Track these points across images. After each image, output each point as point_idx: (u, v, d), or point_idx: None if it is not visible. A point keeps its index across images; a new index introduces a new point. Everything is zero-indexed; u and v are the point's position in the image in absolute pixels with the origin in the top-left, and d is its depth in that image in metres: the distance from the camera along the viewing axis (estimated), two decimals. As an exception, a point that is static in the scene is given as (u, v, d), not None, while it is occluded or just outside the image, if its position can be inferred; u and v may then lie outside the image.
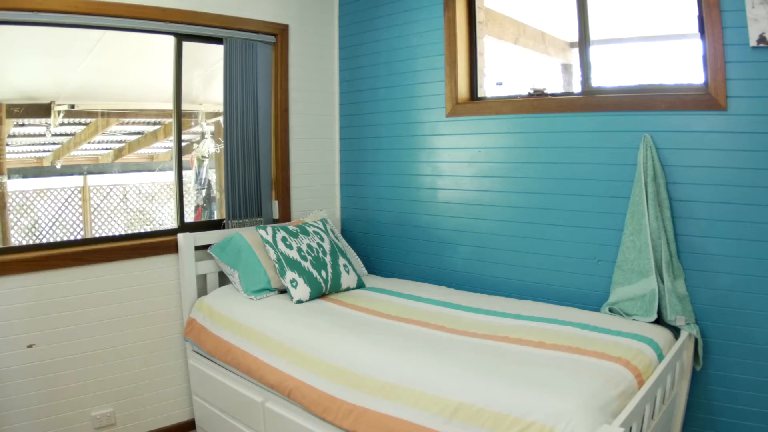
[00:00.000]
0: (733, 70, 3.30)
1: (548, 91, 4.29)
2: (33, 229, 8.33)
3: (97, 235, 8.63)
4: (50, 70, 7.15)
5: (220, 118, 5.75)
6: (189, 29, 4.77)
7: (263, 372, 3.62)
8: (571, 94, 4.19)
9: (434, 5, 4.73)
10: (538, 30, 4.90)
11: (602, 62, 4.06)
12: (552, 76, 4.71)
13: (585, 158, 3.93)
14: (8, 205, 8.02)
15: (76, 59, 6.70)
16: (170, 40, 4.81)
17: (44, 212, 8.48)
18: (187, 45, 4.84)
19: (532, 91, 4.32)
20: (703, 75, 3.48)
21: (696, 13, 3.48)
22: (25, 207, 8.41)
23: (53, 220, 8.49)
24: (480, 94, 4.71)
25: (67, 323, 4.11)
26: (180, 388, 4.66)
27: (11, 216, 8.05)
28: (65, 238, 8.28)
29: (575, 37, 4.14)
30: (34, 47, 6.03)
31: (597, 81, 4.03)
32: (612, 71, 4.08)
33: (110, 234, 8.50)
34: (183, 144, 4.97)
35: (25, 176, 9.50)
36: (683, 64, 3.78)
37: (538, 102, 4.19)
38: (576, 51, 4.22)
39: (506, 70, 4.83)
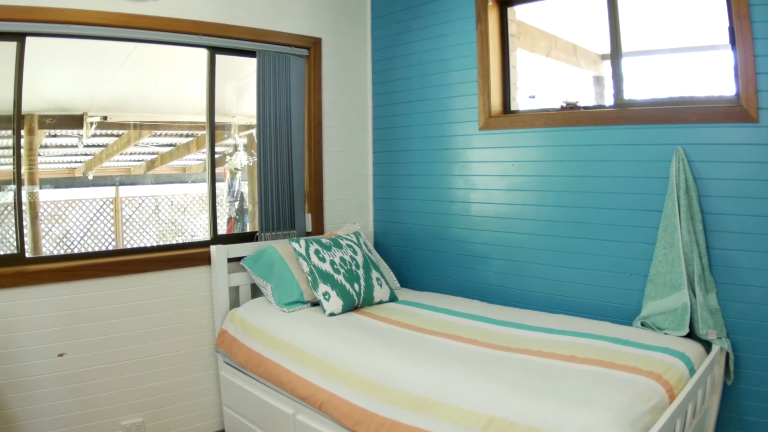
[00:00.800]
0: (764, 81, 3.34)
1: (581, 104, 4.34)
2: (64, 239, 8.48)
3: (128, 246, 8.74)
4: (83, 81, 7.28)
5: (253, 131, 5.84)
6: (222, 42, 4.88)
7: (295, 384, 3.68)
8: (603, 107, 4.24)
9: (467, 18, 4.81)
10: (569, 42, 4.95)
11: (634, 74, 4.10)
12: (584, 89, 4.75)
13: (617, 172, 3.97)
14: (40, 214, 8.18)
15: (109, 71, 6.81)
16: (203, 53, 4.91)
17: (75, 222, 8.63)
18: (219, 57, 4.95)
19: (564, 104, 4.38)
20: (734, 86, 3.52)
21: (727, 24, 3.52)
22: (56, 217, 8.58)
23: (84, 230, 8.63)
24: (513, 107, 4.78)
25: (98, 333, 4.22)
26: (210, 399, 4.75)
27: (42, 225, 8.21)
28: (97, 249, 8.42)
29: (607, 49, 4.19)
30: (67, 59, 6.13)
31: (629, 93, 4.08)
32: (643, 83, 4.11)
33: (142, 245, 8.61)
34: (216, 156, 5.06)
35: (56, 186, 9.68)
36: (714, 76, 3.81)
37: (570, 115, 4.25)
38: (607, 63, 4.27)
39: (538, 83, 4.87)
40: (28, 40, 4.06)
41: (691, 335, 3.51)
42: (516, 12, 4.81)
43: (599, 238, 4.07)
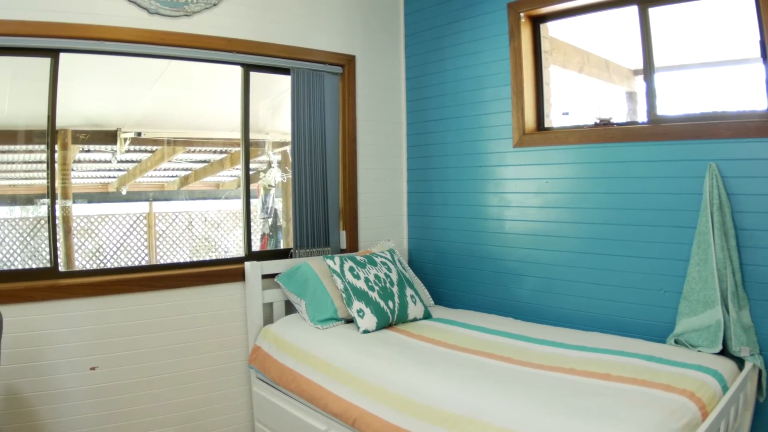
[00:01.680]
0: (796, 95, 3.39)
1: (614, 120, 4.41)
2: (97, 253, 8.65)
3: (161, 261, 8.86)
4: (116, 97, 7.45)
5: (287, 148, 5.95)
6: (256, 60, 5.02)
7: (327, 400, 3.76)
8: (636, 123, 4.31)
9: (500, 35, 4.91)
10: (602, 58, 5.02)
11: (666, 89, 4.16)
12: (617, 105, 4.79)
13: (651, 188, 4.03)
14: (73, 229, 8.36)
15: (143, 87, 6.97)
16: (237, 70, 5.06)
17: (108, 237, 8.79)
18: (253, 75, 5.09)
19: (598, 121, 4.45)
20: (766, 101, 3.58)
21: (758, 37, 3.58)
22: (89, 231, 8.75)
23: (118, 245, 8.79)
24: (546, 124, 4.85)
25: (131, 347, 4.35)
26: (243, 414, 4.87)
27: (75, 240, 8.38)
28: (130, 263, 8.56)
29: (639, 65, 4.26)
30: (101, 75, 6.27)
31: (662, 109, 4.14)
32: (676, 98, 4.17)
33: (175, 260, 8.71)
34: (250, 173, 5.18)
35: (90, 201, 9.88)
36: (746, 90, 3.86)
37: (604, 131, 4.32)
38: (640, 78, 4.33)
39: (571, 100, 4.94)
40: (62, 56, 4.22)
41: (724, 352, 3.55)
42: (548, 28, 4.89)
43: (633, 255, 4.12)
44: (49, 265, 4.26)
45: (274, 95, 6.30)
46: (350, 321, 4.56)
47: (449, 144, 5.42)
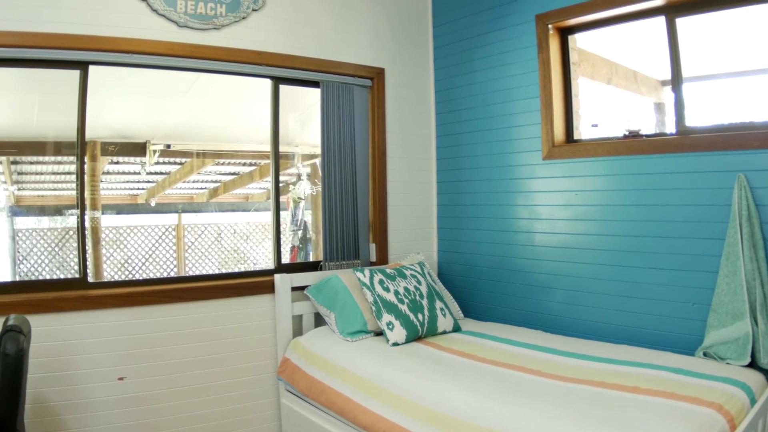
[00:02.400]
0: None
1: (643, 131, 4.47)
2: (125, 264, 8.79)
3: (190, 272, 8.96)
4: (146, 110, 7.58)
5: (316, 160, 6.04)
6: (285, 73, 5.14)
7: (356, 413, 3.82)
8: (665, 134, 4.36)
9: (528, 47, 4.99)
10: (630, 69, 5.07)
11: (694, 100, 4.20)
12: (645, 116, 4.82)
13: (680, 200, 4.08)
14: (102, 239, 8.50)
15: (172, 100, 7.09)
16: (266, 83, 5.17)
17: (137, 248, 8.92)
18: (283, 87, 5.20)
19: (627, 133, 4.51)
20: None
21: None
22: (118, 242, 8.89)
23: (146, 256, 8.92)
24: (575, 136, 4.92)
25: (159, 358, 4.47)
26: (271, 426, 4.96)
27: (104, 250, 8.52)
28: (158, 274, 8.68)
29: (667, 75, 4.31)
30: (130, 88, 6.40)
31: (690, 119, 4.19)
32: (705, 109, 4.21)
33: (204, 272, 8.83)
34: (279, 185, 5.28)
35: (119, 212, 10.04)
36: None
37: (632, 143, 4.38)
38: (668, 89, 4.38)
39: (600, 111, 4.99)
40: (92, 68, 4.37)
41: (753, 364, 3.58)
42: (577, 40, 4.97)
43: (661, 267, 4.17)
44: (78, 275, 4.39)
45: (304, 108, 6.40)
46: (380, 333, 4.63)
47: (479, 156, 5.49)
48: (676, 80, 4.23)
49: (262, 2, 4.97)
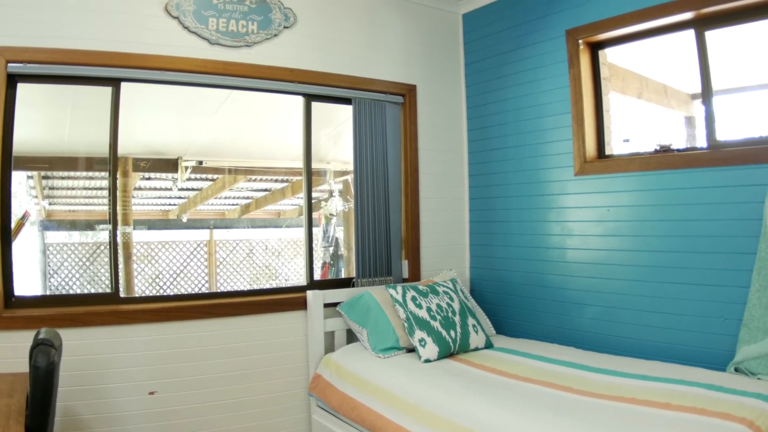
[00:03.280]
0: None
1: (674, 146, 4.52)
2: (156, 279, 8.95)
3: (221, 288, 9.08)
4: (178, 126, 7.71)
5: (348, 177, 6.12)
6: (318, 90, 5.27)
7: (388, 430, 3.88)
8: (696, 149, 4.41)
9: (559, 62, 5.09)
10: (660, 83, 5.12)
11: (725, 113, 4.24)
12: (676, 130, 4.85)
13: (711, 214, 4.13)
14: (133, 255, 8.65)
15: (204, 116, 7.22)
16: (298, 100, 5.30)
17: (168, 263, 9.08)
18: (314, 104, 5.33)
19: (658, 147, 4.57)
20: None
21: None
22: (149, 257, 9.06)
23: (178, 271, 9.06)
24: (607, 152, 4.97)
25: (190, 373, 4.59)
26: (302, 441, 5.08)
27: (135, 265, 8.68)
28: (189, 290, 8.81)
29: (697, 89, 4.36)
30: (162, 104, 6.54)
31: (721, 133, 4.24)
32: (735, 122, 4.25)
33: (235, 287, 8.94)
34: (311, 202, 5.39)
35: (150, 228, 10.22)
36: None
37: (664, 158, 4.43)
38: (698, 102, 4.43)
39: (631, 126, 5.04)
40: (123, 85, 4.53)
41: (785, 380, 3.62)
42: (607, 54, 5.04)
43: (693, 283, 4.21)
44: (109, 290, 4.56)
45: (336, 124, 6.49)
46: (412, 350, 4.70)
47: (511, 173, 5.57)
48: (706, 93, 4.29)
49: (294, 19, 5.10)
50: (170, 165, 9.08)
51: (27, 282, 6.71)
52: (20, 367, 3.70)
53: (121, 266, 4.60)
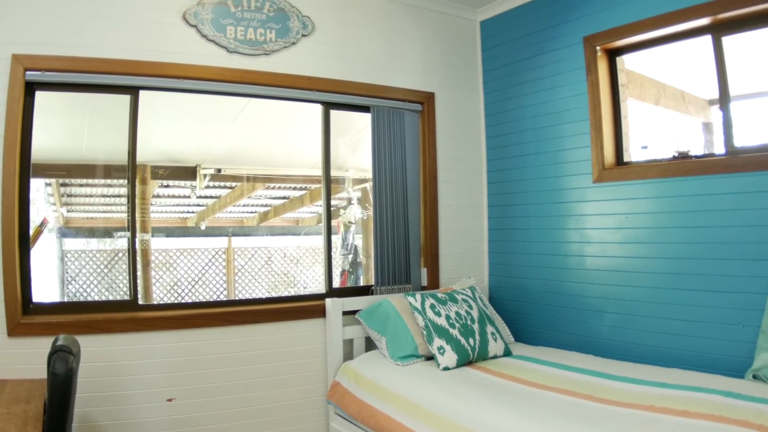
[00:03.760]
0: None
1: (692, 152, 4.55)
2: (174, 287, 9.01)
3: (240, 296, 9.13)
4: (196, 134, 7.78)
5: (367, 185, 6.15)
6: (336, 98, 5.34)
7: None
8: (714, 155, 4.43)
9: (577, 69, 5.14)
10: (677, 89, 5.14)
11: (742, 118, 4.26)
12: (694, 136, 4.87)
13: (729, 221, 4.15)
14: (151, 262, 8.73)
15: (223, 125, 7.28)
16: (317, 108, 5.37)
17: (187, 271, 9.14)
18: (333, 112, 5.40)
19: (676, 154, 4.61)
20: None
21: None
22: (167, 265, 9.13)
23: (196, 278, 9.13)
24: (625, 159, 5.00)
25: (208, 380, 4.66)
26: (320, 448, 5.13)
27: (153, 273, 8.75)
28: (207, 297, 8.87)
29: (714, 94, 4.39)
30: (180, 112, 6.60)
31: (739, 139, 4.26)
32: (753, 127, 4.26)
33: (253, 295, 9.00)
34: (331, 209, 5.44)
35: (168, 235, 10.29)
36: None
37: (682, 165, 4.46)
38: (716, 108, 4.46)
39: (649, 132, 5.06)
40: (142, 93, 4.61)
41: (803, 387, 3.63)
42: (624, 61, 5.07)
43: (711, 290, 4.23)
44: (127, 297, 4.61)
45: (354, 132, 6.54)
46: (430, 358, 4.74)
47: (529, 180, 5.62)
48: (723, 99, 4.31)
49: (312, 28, 5.18)
50: (189, 173, 9.14)
51: (45, 289, 6.78)
52: (38, 374, 3.78)
53: (139, 273, 4.66)
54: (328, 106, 5.36)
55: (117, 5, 4.45)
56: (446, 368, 4.49)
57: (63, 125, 6.06)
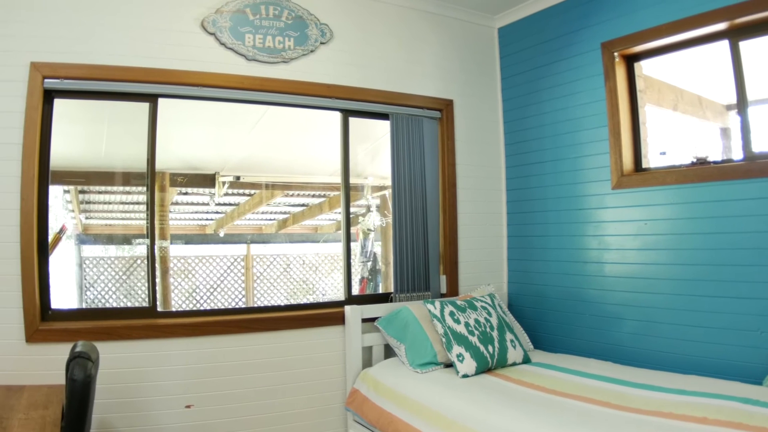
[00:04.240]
0: None
1: (710, 158, 4.57)
2: (193, 294, 9.09)
3: (258, 303, 9.22)
4: (215, 142, 7.85)
5: (386, 192, 6.20)
6: (355, 105, 5.40)
7: None
8: (732, 161, 4.46)
9: (595, 76, 5.18)
10: (695, 94, 5.16)
11: (760, 123, 4.27)
12: (712, 142, 4.89)
13: (748, 227, 4.17)
14: (170, 269, 8.81)
15: (241, 132, 7.35)
16: (335, 115, 5.44)
17: (205, 278, 9.23)
18: (352, 119, 5.46)
19: (694, 160, 4.63)
20: None
21: None
22: (186, 272, 9.21)
23: (215, 285, 9.21)
24: (644, 165, 5.03)
25: (227, 387, 4.72)
26: (339, 456, 5.18)
27: (171, 279, 8.83)
28: (226, 304, 8.95)
29: (732, 99, 4.41)
30: (199, 120, 6.66)
31: (757, 144, 4.28)
32: None
33: (272, 302, 9.07)
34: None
35: (187, 242, 10.38)
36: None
37: (701, 171, 4.49)
38: (733, 113, 4.49)
39: (667, 138, 5.08)
40: (161, 101, 4.69)
41: (822, 393, 3.64)
42: (642, 67, 5.10)
43: (730, 296, 4.25)
44: (146, 304, 4.69)
45: (373, 139, 6.59)
46: (449, 365, 4.77)
47: (548, 187, 5.66)
48: (741, 104, 4.33)
49: (330, 35, 5.25)
50: (207, 180, 9.23)
51: (63, 295, 6.85)
52: (56, 380, 3.87)
53: (158, 280, 4.73)
54: (347, 113, 5.42)
55: (135, 14, 4.55)
56: (465, 375, 4.52)
57: (82, 132, 6.17)
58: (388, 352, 5.25)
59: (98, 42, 4.41)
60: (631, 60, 5.07)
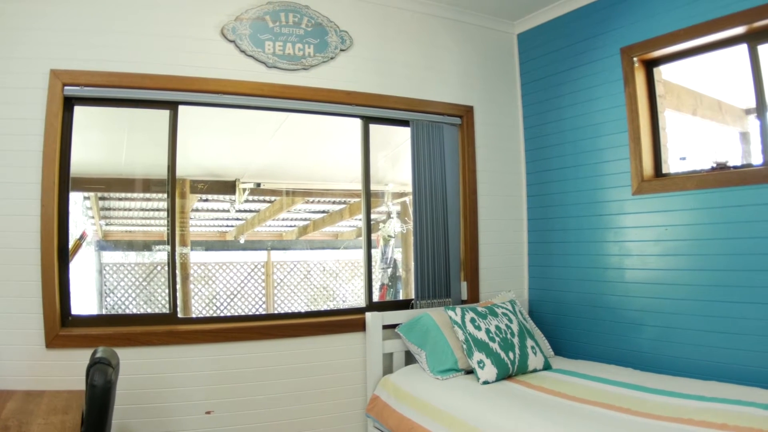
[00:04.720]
0: None
1: (730, 163, 4.59)
2: (213, 300, 9.17)
3: (278, 309, 9.28)
4: (235, 148, 7.92)
5: (406, 198, 6.24)
6: (375, 112, 5.46)
7: None
8: (751, 165, 4.47)
9: (614, 81, 5.21)
10: (714, 99, 5.16)
11: None
12: (731, 146, 4.89)
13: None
14: (190, 275, 8.89)
15: (262, 139, 7.41)
16: (355, 122, 5.50)
17: (226, 284, 9.30)
18: (372, 126, 5.52)
19: (714, 165, 4.65)
20: None
21: None
22: (206, 278, 9.29)
23: (235, 292, 9.28)
24: (664, 170, 5.05)
25: (247, 393, 4.77)
26: (358, 463, 5.23)
27: (192, 286, 8.91)
28: (246, 311, 9.01)
29: (751, 103, 4.44)
30: (220, 127, 6.73)
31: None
32: None
33: (292, 308, 9.12)
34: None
35: (207, 249, 10.47)
36: None
37: (721, 176, 4.51)
38: (753, 117, 4.50)
39: (687, 143, 5.09)
40: (181, 108, 4.76)
41: (843, 400, 3.65)
42: (662, 72, 5.13)
43: (751, 301, 4.25)
44: (167, 310, 4.76)
45: (393, 146, 6.63)
46: (470, 372, 4.82)
47: (569, 193, 5.69)
48: (760, 108, 4.36)
49: (350, 42, 5.32)
50: (228, 187, 9.31)
51: (83, 301, 6.93)
52: (75, 385, 3.96)
53: (178, 287, 4.80)
54: (368, 120, 5.48)
55: (155, 21, 4.64)
56: (486, 382, 4.55)
57: (102, 139, 6.24)
58: (409, 358, 5.28)
59: (118, 49, 4.50)
60: (650, 65, 5.10)
